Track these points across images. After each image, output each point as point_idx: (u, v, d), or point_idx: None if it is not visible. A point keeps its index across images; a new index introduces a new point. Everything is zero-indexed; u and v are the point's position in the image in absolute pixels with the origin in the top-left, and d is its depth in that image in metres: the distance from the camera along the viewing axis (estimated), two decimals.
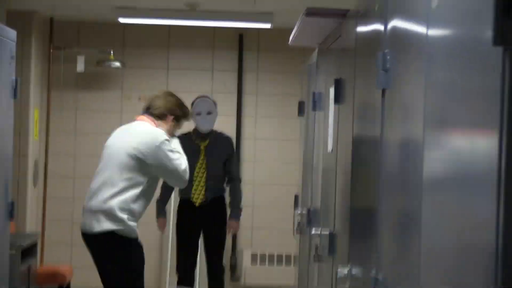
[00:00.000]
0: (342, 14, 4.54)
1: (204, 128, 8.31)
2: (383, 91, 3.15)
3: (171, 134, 6.64)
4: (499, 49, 1.75)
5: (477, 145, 1.94)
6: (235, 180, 8.50)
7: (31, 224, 9.95)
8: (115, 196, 6.20)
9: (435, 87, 2.38)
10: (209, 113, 8.33)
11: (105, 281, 6.43)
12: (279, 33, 10.05)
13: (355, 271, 3.72)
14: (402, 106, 2.89)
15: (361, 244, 3.66)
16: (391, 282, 2.96)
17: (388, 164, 3.07)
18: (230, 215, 8.52)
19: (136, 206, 6.24)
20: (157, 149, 6.26)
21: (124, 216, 6.15)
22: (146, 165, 6.28)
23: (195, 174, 8.21)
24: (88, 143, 10.56)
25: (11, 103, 5.67)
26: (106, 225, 6.17)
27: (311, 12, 4.70)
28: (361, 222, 3.68)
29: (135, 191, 6.24)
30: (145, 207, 6.41)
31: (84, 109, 10.70)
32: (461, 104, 2.11)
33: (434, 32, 2.45)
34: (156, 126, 6.50)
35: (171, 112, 6.65)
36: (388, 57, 3.07)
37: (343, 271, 3.91)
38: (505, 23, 1.68)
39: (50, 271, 8.36)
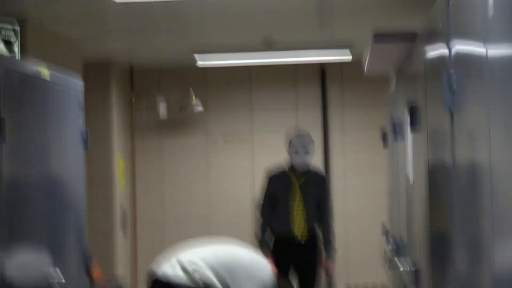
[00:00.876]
0: (411, 37, 4.34)
1: (302, 165, 8.09)
2: (452, 114, 2.94)
3: None
4: None
5: None
6: (328, 220, 8.22)
7: (124, 272, 9.89)
8: None
9: (498, 106, 2.16)
10: (306, 150, 8.07)
11: None
12: (361, 65, 9.89)
13: None
14: (469, 129, 2.68)
15: (442, 281, 3.42)
16: None
17: (460, 192, 2.84)
18: (326, 255, 8.23)
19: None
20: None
21: None
22: None
23: (294, 211, 8.05)
24: (174, 190, 10.52)
25: (82, 155, 5.54)
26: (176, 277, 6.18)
27: (379, 36, 4.49)
28: (440, 256, 3.46)
29: None
30: None
31: (169, 155, 10.62)
32: None
33: (492, 46, 2.22)
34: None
35: None
36: (454, 77, 2.87)
37: None
38: None
39: None
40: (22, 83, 4.69)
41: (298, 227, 8.03)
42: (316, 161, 10.36)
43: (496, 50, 2.19)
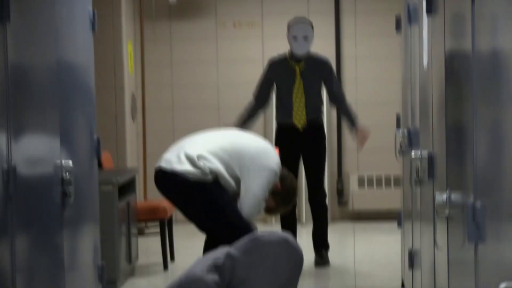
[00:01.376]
0: None
1: (300, 52, 8.05)
2: None
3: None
4: None
5: None
6: (340, 98, 8.28)
7: (132, 159, 9.89)
8: None
9: None
10: (305, 37, 8.02)
11: None
12: None
13: (454, 197, 3.43)
14: (491, 13, 2.57)
15: (458, 167, 3.36)
16: (490, 210, 2.68)
17: (481, 78, 2.75)
18: (353, 125, 8.30)
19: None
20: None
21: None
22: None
23: (294, 98, 8.07)
24: (185, 73, 10.49)
25: (89, 37, 5.47)
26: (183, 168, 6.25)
27: None
28: (457, 142, 3.39)
29: None
30: None
31: (178, 39, 10.57)
32: None
33: None
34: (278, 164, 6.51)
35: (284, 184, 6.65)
36: None
37: (441, 197, 3.63)
38: None
39: (150, 206, 8.27)
40: None
41: (299, 116, 8.10)
42: (327, 46, 10.37)
43: None
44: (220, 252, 4.61)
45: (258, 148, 6.32)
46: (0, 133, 4.07)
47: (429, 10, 4.27)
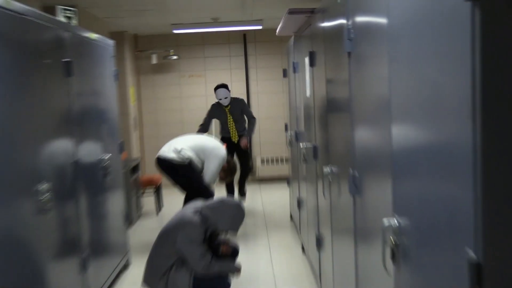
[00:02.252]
0: (311, 11, 4.16)
1: (225, 104, 8.11)
2: (349, 54, 2.74)
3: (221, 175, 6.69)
4: (465, 8, 1.32)
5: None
6: (251, 119, 8.22)
7: (136, 153, 9.70)
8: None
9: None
10: (225, 97, 8.04)
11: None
12: (267, 32, 9.78)
13: (335, 169, 3.35)
14: (359, 62, 2.49)
15: (338, 153, 3.28)
16: (363, 176, 2.61)
17: (355, 100, 2.66)
18: (246, 137, 8.24)
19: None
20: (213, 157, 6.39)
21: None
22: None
23: (229, 125, 8.13)
24: (162, 105, 10.40)
25: (114, 84, 5.34)
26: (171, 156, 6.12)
27: (291, 11, 4.33)
28: (336, 136, 3.31)
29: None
30: None
31: (158, 85, 10.42)
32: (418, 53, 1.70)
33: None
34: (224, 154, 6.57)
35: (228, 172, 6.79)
36: (352, 30, 2.67)
37: (326, 169, 3.56)
38: None
39: (148, 178, 8.21)
40: (82, 41, 4.43)
41: (233, 134, 8.09)
42: (241, 86, 10.32)
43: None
44: (198, 204, 4.53)
45: (214, 145, 6.36)
46: (71, 141, 3.94)
47: (312, 64, 4.21)
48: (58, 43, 3.85)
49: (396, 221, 2.00)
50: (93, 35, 4.77)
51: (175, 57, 10.21)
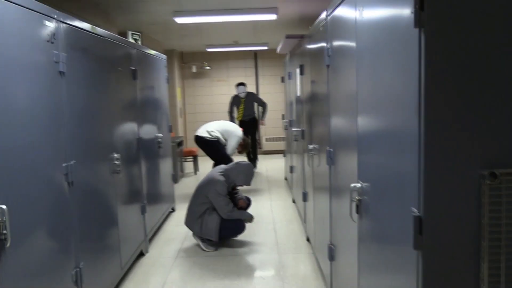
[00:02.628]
0: (301, 36, 4.04)
1: (242, 96, 7.85)
2: (328, 66, 2.65)
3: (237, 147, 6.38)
4: (415, 31, 1.23)
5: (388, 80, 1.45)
6: (263, 104, 7.99)
7: (181, 133, 9.63)
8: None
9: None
10: (244, 91, 7.84)
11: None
12: (271, 51, 9.62)
13: (317, 146, 3.27)
14: (335, 73, 2.40)
15: (319, 134, 3.21)
16: (337, 151, 2.53)
17: (332, 97, 2.58)
18: (261, 117, 8.12)
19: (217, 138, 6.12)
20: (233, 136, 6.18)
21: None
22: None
23: (239, 109, 7.87)
24: (198, 100, 10.24)
25: (166, 86, 5.25)
26: (205, 135, 5.99)
27: (288, 36, 4.20)
28: (318, 123, 3.23)
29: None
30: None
31: (197, 86, 10.27)
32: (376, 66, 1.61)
33: (360, 25, 1.93)
34: (241, 134, 6.30)
35: (244, 146, 6.42)
36: (330, 50, 2.57)
37: (311, 146, 3.47)
38: (420, 13, 1.17)
39: (188, 150, 8.12)
40: (144, 56, 4.33)
41: (239, 114, 7.87)
42: (252, 89, 10.19)
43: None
44: (222, 167, 4.42)
45: (234, 128, 6.20)
46: (135, 123, 3.86)
47: (301, 73, 4.10)
48: (127, 56, 3.78)
49: (360, 185, 1.94)
50: (152, 51, 4.69)
51: (208, 68, 10.10)
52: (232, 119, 7.89)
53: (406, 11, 1.31)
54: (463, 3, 1.20)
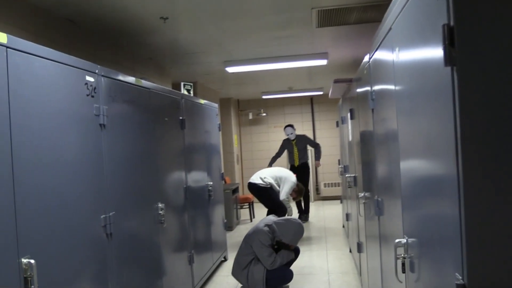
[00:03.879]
0: (350, 80, 3.91)
1: (291, 138, 7.63)
2: (372, 110, 2.49)
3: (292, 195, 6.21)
4: (447, 70, 1.08)
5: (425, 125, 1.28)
6: (317, 146, 7.66)
7: (238, 179, 9.60)
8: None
9: (399, 100, 1.73)
10: (291, 133, 7.61)
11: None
12: (326, 96, 9.55)
13: (368, 194, 3.06)
14: (380, 116, 2.24)
15: (369, 181, 3.00)
16: (384, 201, 2.32)
17: (377, 141, 2.40)
18: (315, 158, 7.71)
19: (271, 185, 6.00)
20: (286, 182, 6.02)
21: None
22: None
23: (294, 154, 7.58)
24: (255, 147, 10.23)
25: (218, 134, 5.28)
26: (258, 181, 5.88)
27: (336, 81, 4.08)
28: (367, 170, 3.03)
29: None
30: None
31: (253, 133, 10.30)
32: (413, 110, 1.45)
33: (388, 84, 1.78)
34: (294, 182, 6.12)
35: (298, 191, 6.25)
36: (374, 93, 2.42)
37: (361, 194, 3.26)
38: (451, 50, 1.01)
39: (244, 197, 8.04)
40: (193, 105, 4.38)
41: (295, 160, 7.56)
42: (309, 134, 10.09)
43: (390, 86, 1.76)
44: (270, 219, 4.27)
45: (287, 174, 6.05)
46: (183, 172, 3.84)
47: (352, 118, 3.93)
48: (175, 107, 3.83)
49: (405, 240, 1.73)
50: (202, 101, 4.74)
51: (264, 114, 10.16)
52: (272, 161, 7.65)
53: (436, 50, 1.16)
54: (498, 37, 1.03)
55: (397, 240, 1.75)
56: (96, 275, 2.36)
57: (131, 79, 2.94)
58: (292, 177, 6.08)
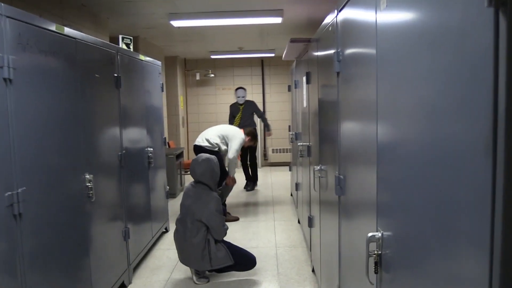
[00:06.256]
0: (308, 40, 3.53)
1: (240, 103, 7.16)
2: (338, 73, 2.14)
3: (245, 144, 5.63)
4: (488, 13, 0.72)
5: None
6: (263, 115, 7.24)
7: (183, 143, 9.14)
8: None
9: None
10: (243, 96, 7.16)
11: None
12: (278, 58, 9.16)
13: (325, 168, 2.75)
14: (344, 80, 1.89)
15: (327, 154, 2.68)
16: (348, 179, 2.01)
17: (343, 110, 2.06)
18: (266, 129, 7.25)
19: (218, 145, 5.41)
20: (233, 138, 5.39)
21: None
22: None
23: (236, 119, 7.12)
24: (202, 109, 9.78)
25: (161, 95, 4.81)
26: (204, 144, 5.36)
27: (292, 40, 3.69)
28: (325, 140, 2.71)
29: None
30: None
31: (200, 94, 9.81)
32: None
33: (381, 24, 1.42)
34: (243, 134, 5.52)
35: (251, 135, 5.63)
36: (341, 52, 2.06)
37: (317, 168, 2.95)
38: None
39: (189, 162, 7.65)
40: (131, 61, 3.86)
41: (236, 125, 6.99)
42: (259, 97, 9.72)
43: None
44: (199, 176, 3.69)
45: (234, 131, 5.44)
46: (117, 137, 3.36)
47: (308, 82, 3.58)
48: (108, 62, 3.30)
49: (380, 234, 1.41)
50: (142, 57, 4.21)
51: (212, 75, 9.63)
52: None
53: None
54: None
55: (370, 234, 1.43)
56: (3, 261, 1.91)
57: (50, 24, 2.40)
58: (239, 133, 5.62)
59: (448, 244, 0.95)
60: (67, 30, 2.60)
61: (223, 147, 5.46)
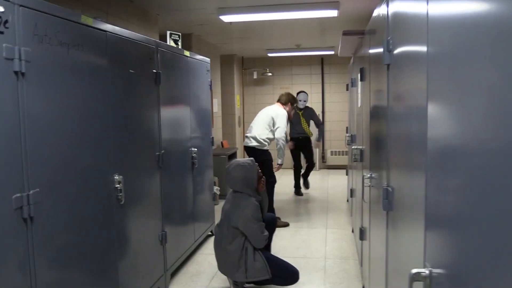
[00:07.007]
0: (361, 32, 3.18)
1: (302, 106, 6.90)
2: (388, 66, 1.80)
3: (290, 112, 5.39)
4: None
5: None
6: (321, 125, 6.88)
7: (238, 143, 9.00)
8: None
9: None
10: (305, 100, 6.93)
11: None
12: (338, 56, 8.75)
13: (374, 176, 2.40)
14: (395, 76, 1.55)
15: (378, 160, 2.33)
16: (396, 192, 1.67)
17: (392, 110, 1.72)
18: (317, 139, 7.00)
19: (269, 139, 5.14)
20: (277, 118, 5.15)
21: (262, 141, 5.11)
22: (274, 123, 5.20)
23: (303, 126, 6.80)
24: (259, 109, 9.46)
25: (209, 93, 4.64)
26: (253, 143, 5.13)
27: (345, 33, 3.35)
28: (376, 145, 2.36)
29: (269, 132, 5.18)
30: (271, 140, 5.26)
31: (257, 93, 9.62)
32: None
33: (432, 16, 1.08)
34: (283, 108, 5.31)
35: (289, 101, 5.43)
36: (391, 41, 1.72)
37: (367, 174, 2.60)
38: None
39: None
40: (174, 57, 3.70)
41: (307, 131, 6.81)
42: (318, 97, 9.34)
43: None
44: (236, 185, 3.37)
45: (273, 112, 5.21)
46: (156, 136, 3.19)
47: (362, 79, 3.22)
48: (146, 57, 3.15)
49: (427, 272, 1.08)
50: (188, 53, 4.04)
51: (269, 74, 9.39)
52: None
53: None
54: None
55: (414, 271, 1.10)
56: (10, 277, 1.77)
57: (74, 15, 2.25)
58: (279, 110, 5.29)
59: None
60: (96, 22, 2.45)
61: (271, 136, 5.19)
